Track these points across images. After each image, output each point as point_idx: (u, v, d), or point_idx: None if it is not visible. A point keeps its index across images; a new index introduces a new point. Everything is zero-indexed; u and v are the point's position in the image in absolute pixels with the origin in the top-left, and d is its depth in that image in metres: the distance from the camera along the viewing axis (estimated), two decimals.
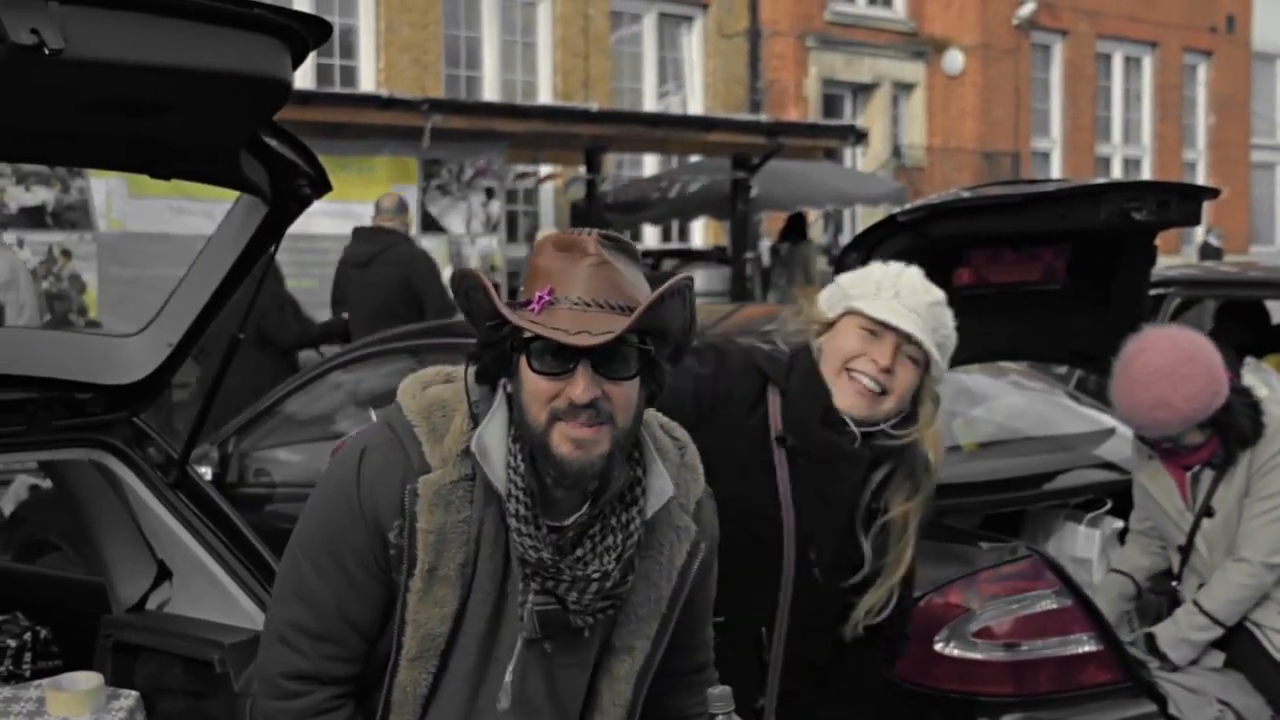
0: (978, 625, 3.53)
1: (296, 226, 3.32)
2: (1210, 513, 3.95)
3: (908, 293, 2.87)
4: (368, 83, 16.20)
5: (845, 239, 17.31)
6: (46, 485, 5.57)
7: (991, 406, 4.82)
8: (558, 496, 2.18)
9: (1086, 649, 3.61)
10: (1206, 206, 4.29)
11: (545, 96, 17.37)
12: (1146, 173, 24.24)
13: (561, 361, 2.11)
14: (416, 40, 16.70)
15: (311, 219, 3.82)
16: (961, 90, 21.81)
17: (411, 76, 16.28)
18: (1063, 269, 4.24)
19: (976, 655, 3.51)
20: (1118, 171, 24.29)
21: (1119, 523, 4.38)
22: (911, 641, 3.18)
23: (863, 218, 18.46)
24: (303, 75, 12.54)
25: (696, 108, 19.03)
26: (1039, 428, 4.79)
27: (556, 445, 2.12)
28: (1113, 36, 24.08)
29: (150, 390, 3.60)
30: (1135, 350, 3.86)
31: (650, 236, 19.08)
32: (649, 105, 18.60)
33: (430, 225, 12.10)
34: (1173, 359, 3.77)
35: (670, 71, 19.51)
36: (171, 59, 2.38)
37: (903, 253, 3.84)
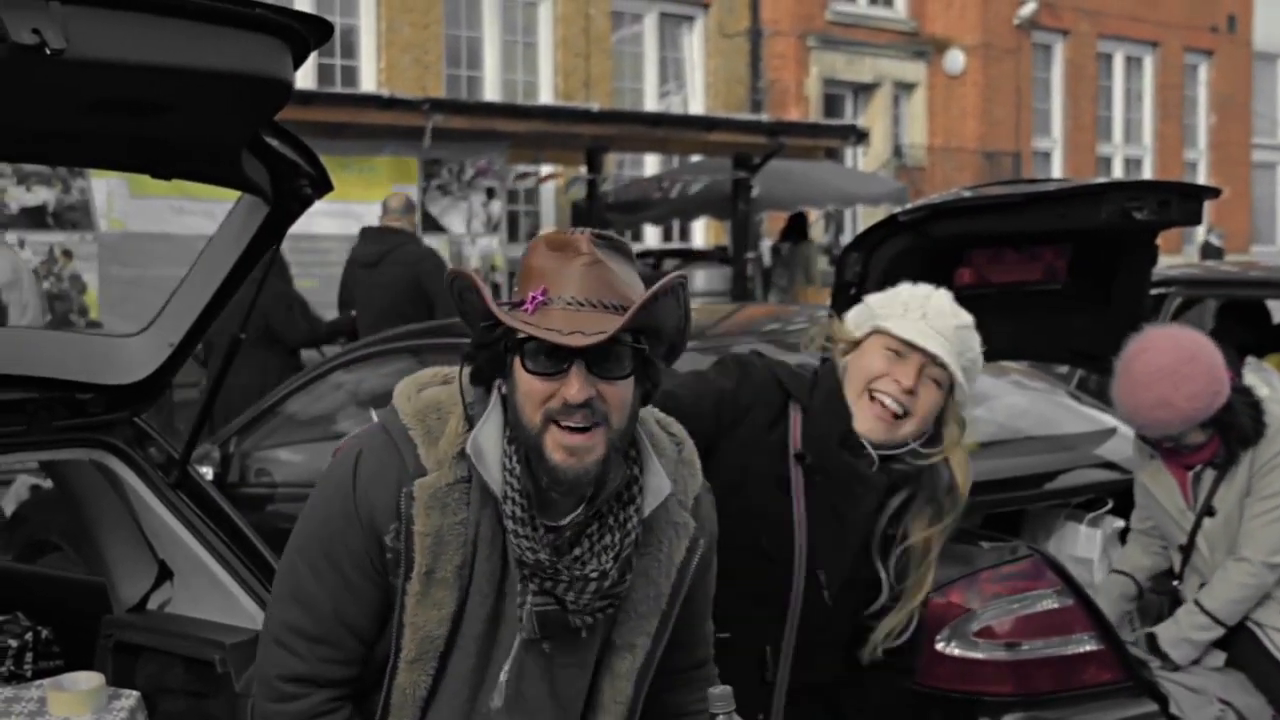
0: (979, 625, 3.53)
1: (297, 226, 3.32)
2: (1211, 512, 3.95)
3: (935, 315, 2.85)
4: (369, 83, 16.20)
5: (846, 239, 17.30)
6: (47, 485, 5.57)
7: (992, 406, 4.81)
8: (554, 497, 2.18)
9: (1087, 648, 3.61)
10: (1207, 206, 4.29)
11: (546, 96, 17.38)
12: (1147, 172, 24.24)
13: (555, 362, 2.11)
14: (417, 40, 16.70)
15: (312, 219, 3.82)
16: (962, 90, 21.81)
17: (412, 76, 16.28)
18: (1064, 269, 4.24)
19: (978, 655, 3.51)
20: (1119, 171, 24.28)
21: (1120, 522, 4.38)
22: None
23: (864, 217, 18.46)
24: (304, 75, 12.52)
25: (697, 107, 19.03)
26: (1040, 427, 4.78)
27: (550, 452, 2.12)
28: (1114, 36, 24.07)
29: (151, 390, 3.60)
30: (1136, 350, 3.86)
31: (651, 236, 19.09)
32: (650, 105, 18.59)
33: (431, 225, 12.09)
34: (1174, 359, 3.77)
35: (671, 71, 19.51)
36: (173, 59, 2.38)
37: (903, 252, 3.84)
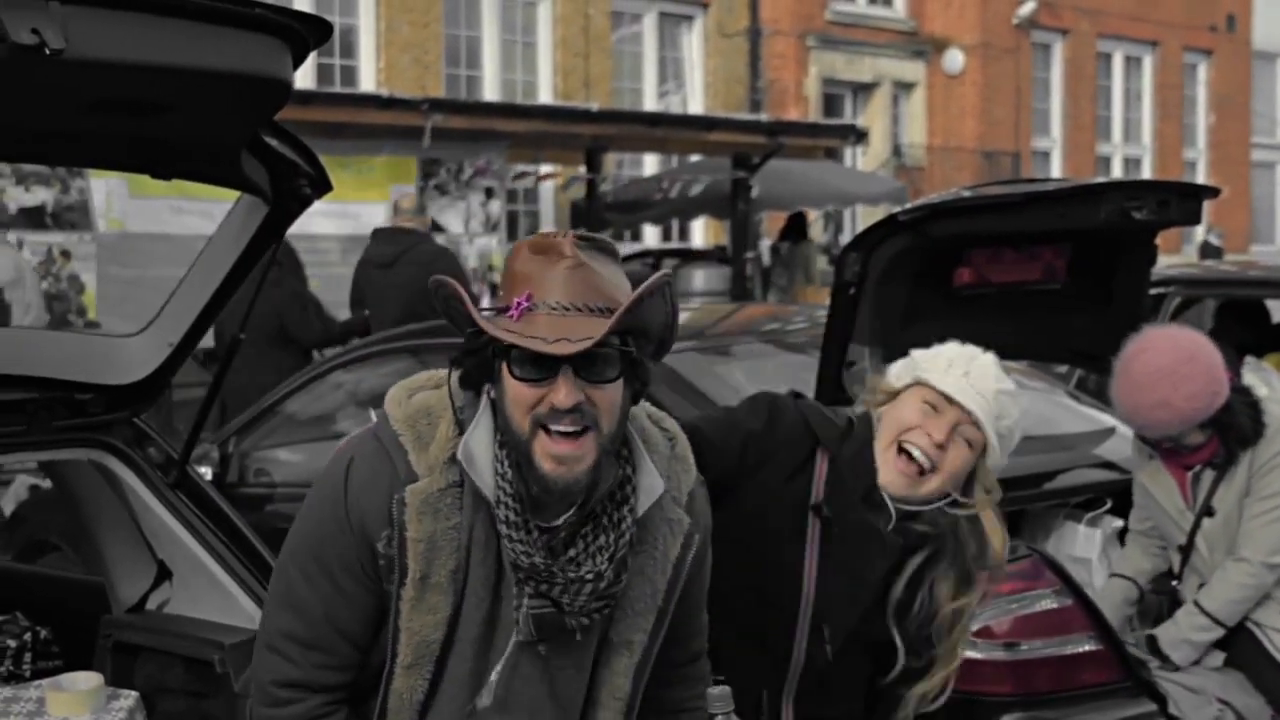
0: (978, 625, 3.53)
1: (296, 226, 3.32)
2: (1211, 512, 3.95)
3: (978, 375, 2.82)
4: (368, 82, 16.20)
5: (845, 238, 17.30)
6: (46, 485, 5.57)
7: None
8: (547, 501, 2.18)
9: (1086, 648, 3.61)
10: (1207, 205, 4.29)
11: (545, 96, 17.37)
12: (1147, 172, 24.24)
13: (542, 369, 2.10)
14: (417, 40, 16.70)
15: (311, 219, 3.82)
16: (962, 89, 21.81)
17: (412, 76, 16.28)
18: (1063, 268, 4.24)
19: (976, 654, 3.51)
20: (1118, 171, 24.28)
21: (1119, 522, 4.38)
22: None
23: (863, 217, 18.45)
24: (303, 75, 12.52)
25: (697, 107, 19.03)
26: (1039, 427, 4.77)
27: (539, 460, 2.11)
28: (1113, 36, 24.07)
29: (150, 390, 3.60)
30: (1135, 350, 3.85)
31: (650, 236, 19.09)
32: (649, 105, 18.59)
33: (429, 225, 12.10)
34: (1173, 359, 3.77)
35: (670, 71, 19.51)
36: (172, 59, 2.38)
37: (903, 252, 3.84)
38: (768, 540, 2.82)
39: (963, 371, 2.82)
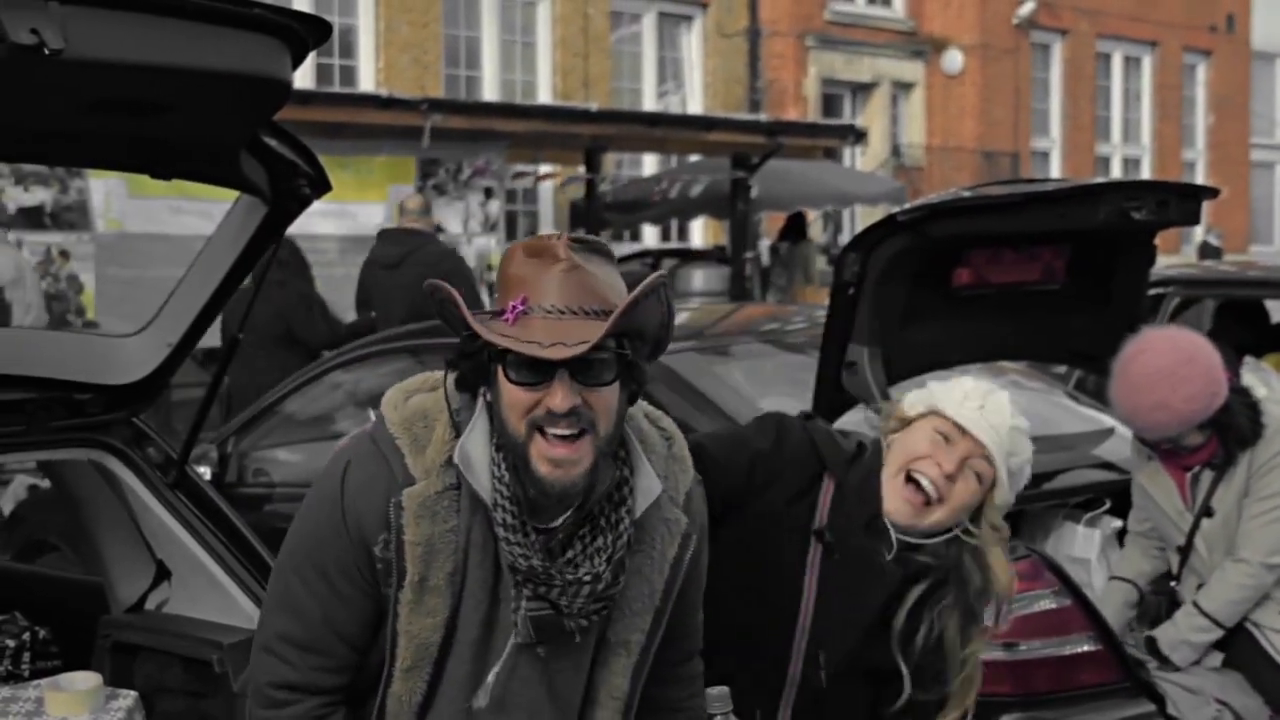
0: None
1: (295, 226, 3.32)
2: (1210, 513, 3.95)
3: (993, 410, 2.79)
4: (367, 82, 16.19)
5: (845, 238, 17.31)
6: (45, 485, 5.57)
7: None
8: (544, 504, 2.17)
9: (1085, 649, 3.61)
10: (1206, 206, 4.29)
11: (545, 96, 17.37)
12: (1146, 172, 24.23)
13: (538, 373, 2.09)
14: (416, 40, 16.70)
15: (310, 219, 3.82)
16: (961, 90, 21.81)
17: (411, 76, 16.28)
18: (1062, 269, 4.24)
19: None
20: (1117, 171, 24.28)
21: (1118, 522, 4.38)
22: None
23: (862, 217, 18.45)
24: (302, 75, 12.53)
25: (696, 107, 19.03)
26: (1038, 427, 4.72)
27: (536, 463, 2.11)
28: (1112, 36, 24.07)
29: (149, 390, 3.60)
30: (1134, 352, 3.85)
31: (650, 236, 19.09)
32: (648, 105, 18.59)
33: None
34: (1172, 360, 3.77)
35: (670, 71, 19.51)
36: (172, 59, 2.38)
37: (902, 252, 3.84)
38: (768, 561, 2.80)
39: (978, 404, 2.79)
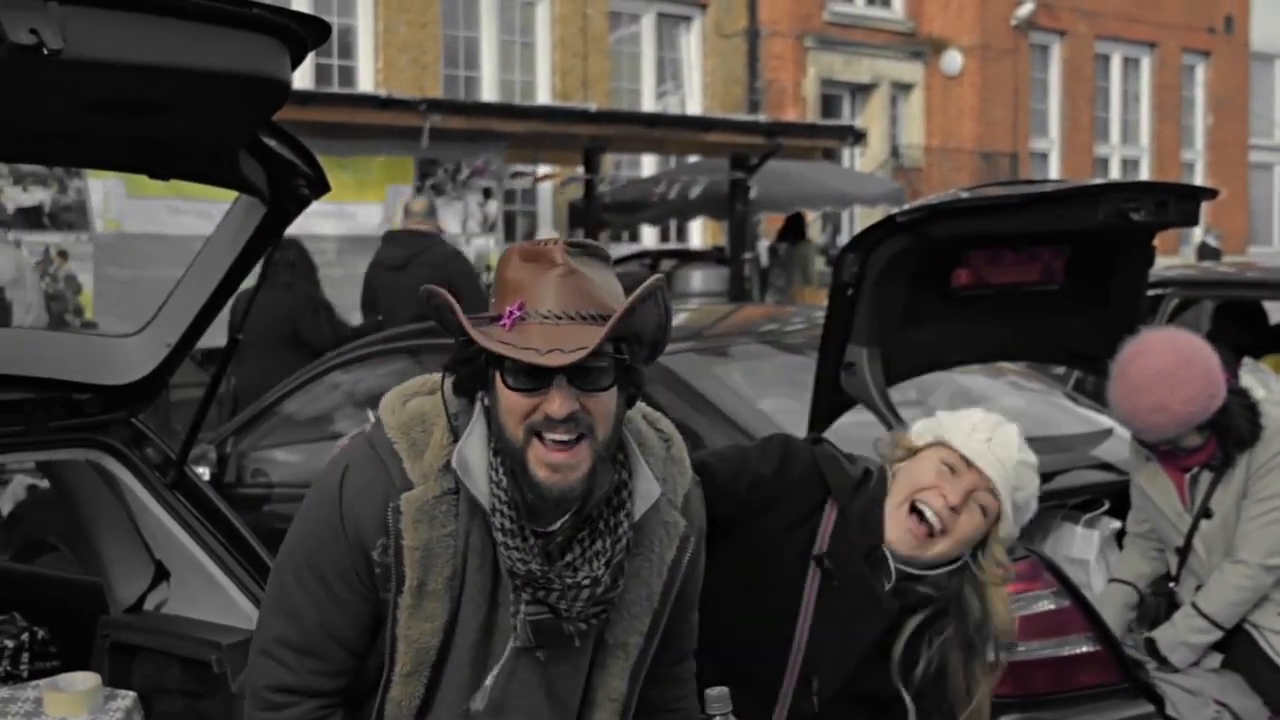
0: None
1: (294, 227, 3.32)
2: (1208, 514, 3.95)
3: (1001, 443, 2.78)
4: (366, 83, 16.19)
5: (844, 239, 17.31)
6: (44, 485, 5.57)
7: (989, 407, 4.81)
8: (542, 508, 2.17)
9: (1084, 649, 3.61)
10: (1204, 207, 4.29)
11: (544, 96, 17.37)
12: (1144, 173, 24.25)
13: (536, 378, 2.09)
14: (415, 40, 16.70)
15: (309, 219, 3.82)
16: (960, 90, 21.81)
17: (410, 76, 16.27)
18: (1061, 270, 4.24)
19: None
20: (1116, 172, 24.29)
21: (1116, 523, 4.38)
22: None
23: (861, 218, 18.45)
24: (301, 75, 12.52)
25: (695, 108, 19.03)
26: (1037, 428, 4.76)
27: (534, 468, 2.11)
28: (1111, 37, 24.08)
29: (148, 391, 3.60)
30: (1132, 353, 3.85)
31: (648, 237, 19.09)
32: (647, 105, 18.59)
33: None
34: (1170, 362, 3.77)
35: (669, 71, 19.51)
36: (171, 59, 2.37)
37: (901, 253, 3.85)
38: (767, 584, 2.79)
39: (985, 437, 2.78)
